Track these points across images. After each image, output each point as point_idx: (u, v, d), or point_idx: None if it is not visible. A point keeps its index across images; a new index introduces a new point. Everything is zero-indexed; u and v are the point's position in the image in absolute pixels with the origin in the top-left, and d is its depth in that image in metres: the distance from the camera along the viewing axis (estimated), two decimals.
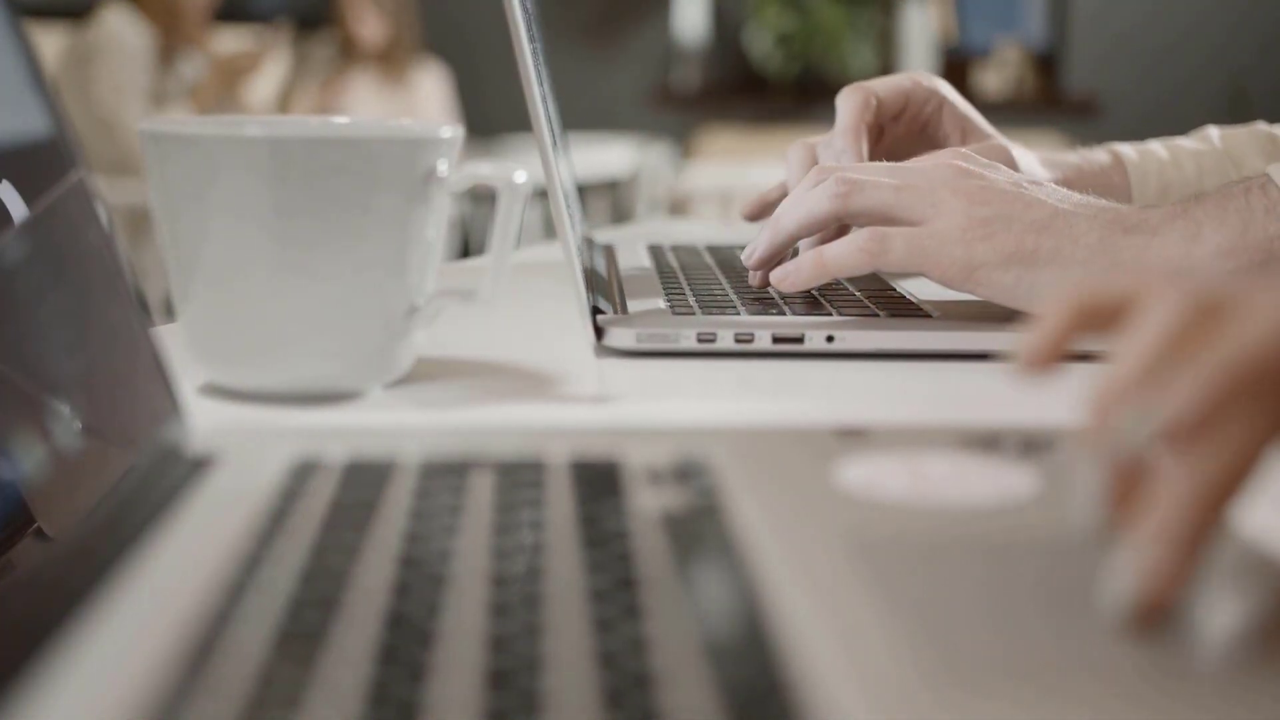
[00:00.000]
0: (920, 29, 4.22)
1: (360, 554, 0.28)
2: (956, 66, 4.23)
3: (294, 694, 0.21)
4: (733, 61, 4.36)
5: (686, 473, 0.35)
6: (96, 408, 0.32)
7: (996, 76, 4.26)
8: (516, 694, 0.21)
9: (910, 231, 0.59)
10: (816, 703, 0.21)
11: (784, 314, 0.62)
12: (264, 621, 0.24)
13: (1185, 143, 0.75)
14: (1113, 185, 0.73)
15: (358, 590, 0.26)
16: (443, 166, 0.49)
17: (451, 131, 0.50)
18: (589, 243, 0.83)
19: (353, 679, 0.21)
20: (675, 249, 0.85)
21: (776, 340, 0.58)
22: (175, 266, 0.49)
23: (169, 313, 0.50)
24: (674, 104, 4.28)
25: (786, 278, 0.61)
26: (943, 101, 0.75)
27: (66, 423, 0.29)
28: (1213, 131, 0.76)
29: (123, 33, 2.71)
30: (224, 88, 2.81)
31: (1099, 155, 0.76)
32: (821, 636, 0.23)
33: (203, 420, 0.40)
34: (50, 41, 2.79)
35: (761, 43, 4.21)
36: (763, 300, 0.65)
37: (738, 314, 0.62)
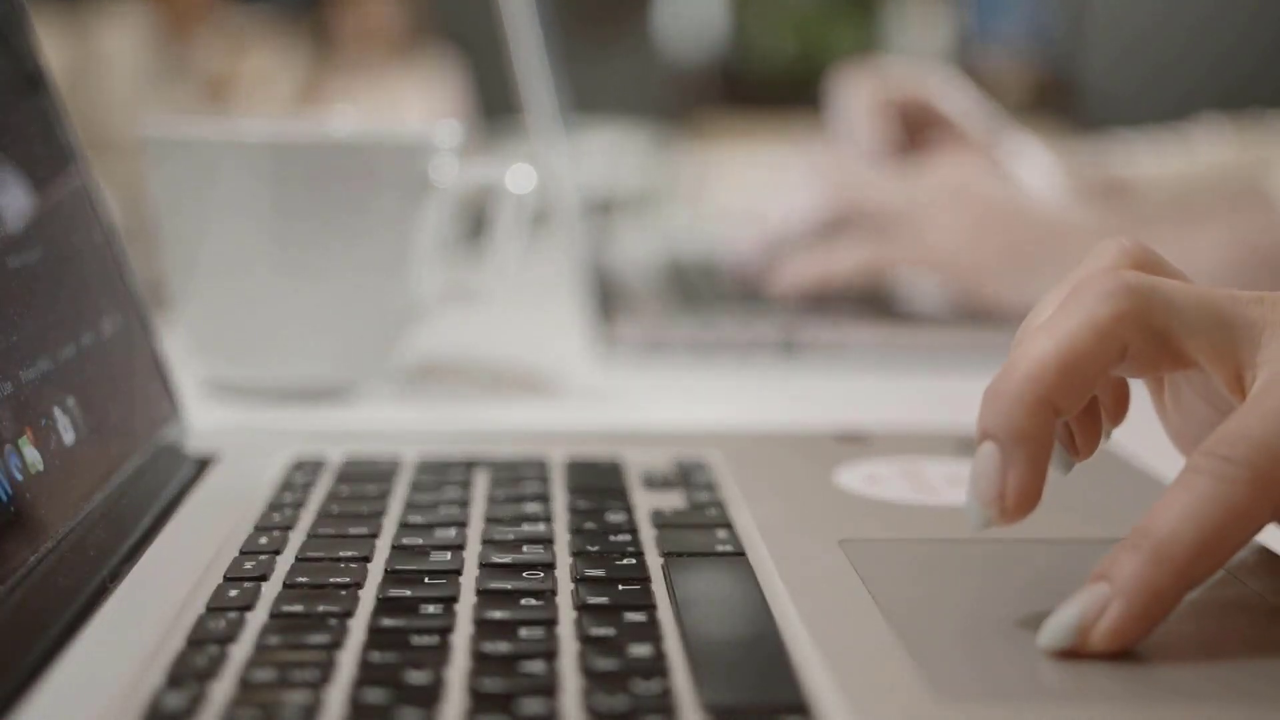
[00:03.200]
0: (921, 20, 4.21)
1: (359, 553, 0.28)
2: (962, 59, 4.22)
3: (290, 692, 0.21)
4: (731, 53, 4.35)
5: (686, 474, 0.35)
6: (96, 407, 0.32)
7: (1002, 71, 4.25)
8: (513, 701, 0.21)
9: (915, 235, 0.60)
10: (814, 706, 0.20)
11: (786, 316, 0.62)
12: (263, 621, 0.24)
13: (1188, 167, 0.76)
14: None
15: (357, 589, 0.26)
16: (442, 169, 0.49)
17: (452, 135, 0.50)
18: (593, 241, 0.84)
19: (351, 675, 0.21)
20: (678, 248, 0.85)
21: (778, 342, 0.58)
22: (176, 266, 0.49)
23: (166, 311, 0.50)
24: (671, 97, 4.27)
25: (792, 276, 0.62)
26: (928, 111, 0.74)
27: (66, 422, 0.29)
28: (1207, 152, 0.76)
29: (117, 52, 2.69)
30: (217, 99, 2.79)
31: (1099, 183, 0.76)
32: (818, 639, 0.23)
33: (202, 420, 0.40)
34: (49, 35, 2.77)
35: (759, 33, 4.21)
36: (765, 302, 0.66)
37: (740, 316, 0.62)
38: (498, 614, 0.24)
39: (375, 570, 0.27)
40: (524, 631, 0.23)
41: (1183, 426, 0.29)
